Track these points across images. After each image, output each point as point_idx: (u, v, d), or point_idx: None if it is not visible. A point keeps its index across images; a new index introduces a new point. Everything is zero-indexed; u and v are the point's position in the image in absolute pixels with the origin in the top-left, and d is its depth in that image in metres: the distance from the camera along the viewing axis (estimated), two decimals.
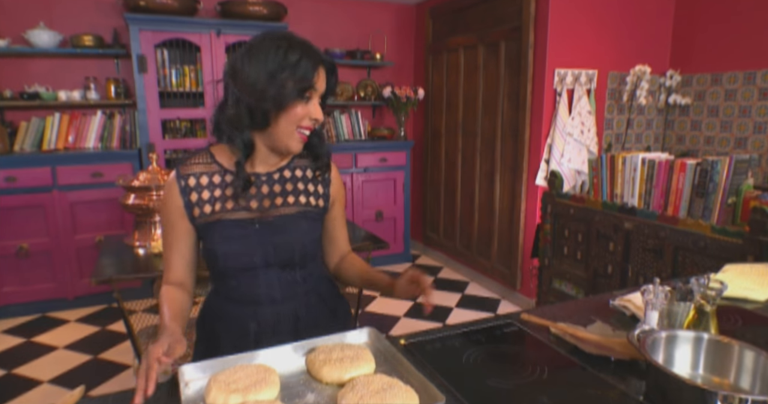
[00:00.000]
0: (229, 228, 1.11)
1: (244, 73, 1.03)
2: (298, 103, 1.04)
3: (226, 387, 0.87)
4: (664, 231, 2.16)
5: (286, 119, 1.05)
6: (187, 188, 1.11)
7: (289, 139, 1.07)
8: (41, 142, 3.49)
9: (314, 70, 1.04)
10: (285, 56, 1.02)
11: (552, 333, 1.15)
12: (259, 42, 1.05)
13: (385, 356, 1.02)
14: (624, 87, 3.27)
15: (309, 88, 1.04)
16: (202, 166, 1.13)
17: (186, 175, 1.12)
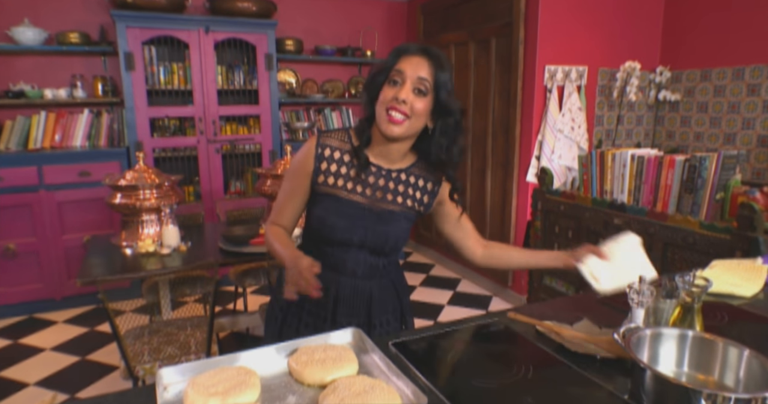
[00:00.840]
0: (344, 204, 1.23)
1: None
2: (387, 88, 1.15)
3: (205, 391, 0.85)
4: (653, 227, 2.16)
5: (379, 104, 1.16)
6: (322, 156, 1.23)
7: (381, 122, 1.16)
8: (27, 140, 3.45)
9: (400, 55, 1.16)
10: (391, 52, 1.18)
11: (538, 332, 1.14)
12: None
13: (369, 356, 1.01)
14: (614, 83, 3.27)
15: (392, 70, 1.15)
16: (338, 141, 1.25)
17: (324, 144, 1.24)
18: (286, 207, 1.27)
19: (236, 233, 2.47)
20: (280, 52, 3.96)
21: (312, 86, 4.32)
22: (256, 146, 3.90)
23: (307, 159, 1.23)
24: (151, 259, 2.29)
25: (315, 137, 1.25)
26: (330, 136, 1.25)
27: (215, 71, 3.64)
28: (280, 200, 1.29)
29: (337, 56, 4.22)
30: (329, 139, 1.25)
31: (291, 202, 1.27)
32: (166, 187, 2.55)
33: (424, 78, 1.15)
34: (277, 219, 1.28)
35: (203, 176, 3.72)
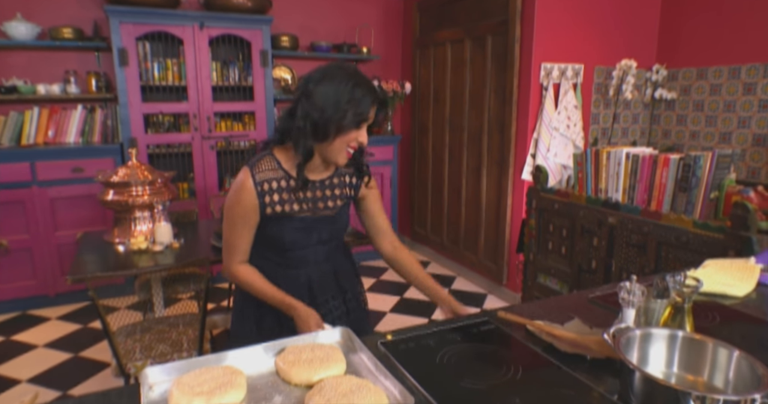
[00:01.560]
0: (296, 221, 1.38)
1: (316, 95, 1.25)
2: (352, 129, 1.27)
3: (190, 391, 0.85)
4: (647, 226, 2.16)
5: (340, 140, 1.28)
6: (263, 192, 1.34)
7: (338, 155, 1.31)
8: (20, 136, 3.43)
9: (371, 106, 1.28)
10: (352, 91, 1.24)
11: (529, 331, 1.13)
12: (334, 72, 1.27)
13: (357, 356, 1.00)
14: (610, 81, 3.26)
15: (364, 120, 1.28)
16: (271, 171, 1.35)
17: (261, 181, 1.34)
18: (241, 244, 1.39)
19: None
20: (276, 48, 3.94)
21: None
22: (251, 143, 3.88)
23: (249, 198, 1.33)
24: (144, 256, 2.27)
25: (248, 175, 1.33)
26: (261, 169, 1.35)
27: (210, 67, 3.61)
28: (233, 240, 1.38)
29: (332, 53, 4.19)
30: (263, 173, 1.35)
31: (245, 237, 1.38)
32: (158, 183, 2.53)
33: (373, 119, 1.33)
34: (237, 258, 1.40)
35: (198, 173, 3.71)
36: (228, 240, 1.39)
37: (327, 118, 1.24)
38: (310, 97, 1.26)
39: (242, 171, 1.35)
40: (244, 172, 1.34)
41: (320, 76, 1.27)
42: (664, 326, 1.02)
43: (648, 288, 1.09)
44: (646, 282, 1.19)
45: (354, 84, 1.25)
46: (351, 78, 1.26)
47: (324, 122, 1.25)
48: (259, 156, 1.37)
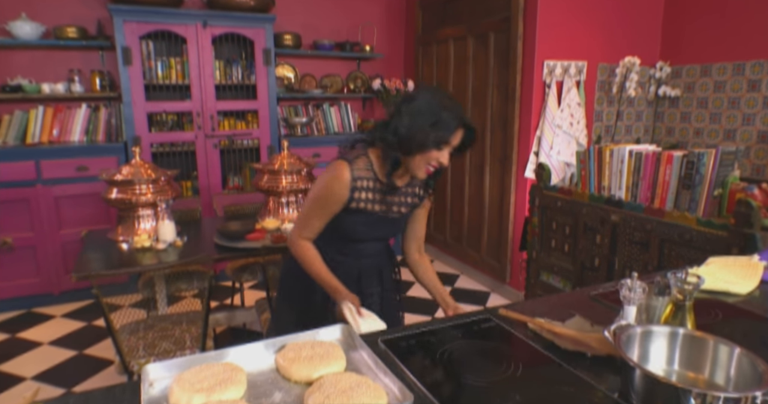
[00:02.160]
0: (369, 216, 1.52)
1: (406, 114, 1.39)
2: (433, 149, 1.39)
3: (190, 387, 0.85)
4: (650, 223, 2.15)
5: (421, 157, 1.41)
6: (355, 188, 1.47)
7: (418, 170, 1.45)
8: (25, 135, 3.44)
9: (454, 131, 1.38)
10: (438, 114, 1.36)
11: (530, 329, 1.13)
12: (426, 94, 1.41)
13: (357, 353, 1.00)
14: (613, 79, 3.25)
15: (445, 143, 1.39)
16: (365, 171, 1.48)
17: (357, 177, 1.46)
18: (317, 225, 1.53)
19: (232, 228, 2.46)
20: (279, 46, 3.94)
21: (311, 81, 4.30)
22: (254, 141, 3.89)
23: (342, 190, 1.46)
24: (147, 254, 2.28)
25: (347, 169, 1.45)
26: (358, 167, 1.47)
27: (213, 66, 3.62)
28: (311, 219, 1.52)
29: (335, 51, 4.19)
30: (359, 171, 1.47)
31: (322, 221, 1.52)
32: (162, 181, 2.54)
33: (458, 143, 1.43)
34: (307, 233, 1.55)
35: (201, 171, 3.72)
36: (305, 216, 1.53)
37: (411, 136, 1.37)
38: (401, 114, 1.39)
39: (340, 164, 1.45)
40: (343, 166, 1.45)
41: (414, 96, 1.42)
42: (666, 323, 1.01)
43: (649, 286, 1.09)
44: (649, 279, 1.19)
45: (441, 108, 1.36)
46: (440, 102, 1.38)
47: (408, 139, 1.38)
48: (356, 154, 1.48)
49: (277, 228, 2.56)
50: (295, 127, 4.06)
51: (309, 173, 2.88)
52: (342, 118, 4.36)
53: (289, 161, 2.82)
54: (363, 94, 4.35)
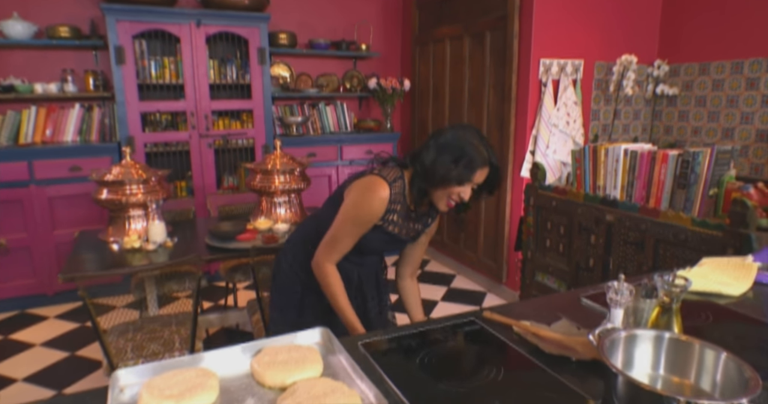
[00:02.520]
0: (387, 235, 1.55)
1: (433, 147, 1.42)
2: (454, 185, 1.41)
3: (159, 393, 0.83)
4: (645, 223, 2.12)
5: (443, 191, 1.44)
6: (389, 209, 1.49)
7: (439, 202, 1.48)
8: (18, 135, 3.43)
9: (475, 170, 1.40)
10: (462, 152, 1.38)
11: (515, 332, 1.10)
12: (456, 131, 1.43)
13: (335, 357, 0.98)
14: (611, 77, 3.22)
15: (467, 180, 1.41)
16: (399, 195, 1.50)
17: (393, 201, 1.48)
18: (348, 244, 1.52)
19: (223, 229, 2.44)
20: (274, 45, 3.92)
21: (306, 80, 4.28)
22: (249, 141, 3.87)
23: (380, 210, 1.47)
24: (137, 255, 2.26)
25: (387, 190, 1.46)
26: (396, 190, 1.48)
27: (207, 65, 3.60)
28: (345, 238, 1.51)
29: (331, 50, 4.17)
30: (396, 194, 1.48)
31: (354, 239, 1.52)
32: (152, 182, 2.52)
33: (481, 182, 1.44)
34: (336, 256, 1.54)
35: (195, 171, 3.70)
36: (338, 236, 1.51)
37: (434, 169, 1.40)
38: (429, 147, 1.44)
39: (380, 182, 1.46)
40: (384, 186, 1.46)
41: (443, 130, 1.46)
42: (653, 327, 0.99)
43: (637, 288, 1.06)
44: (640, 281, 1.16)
45: (467, 145, 1.39)
46: (467, 139, 1.40)
47: (432, 172, 1.41)
48: (394, 175, 1.49)
49: (269, 228, 2.54)
50: (291, 126, 4.04)
51: (302, 173, 2.86)
52: (338, 117, 4.34)
53: (282, 161, 2.79)
54: (359, 94, 4.33)
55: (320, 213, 1.65)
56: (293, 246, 1.73)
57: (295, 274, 1.68)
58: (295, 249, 1.71)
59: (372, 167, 1.54)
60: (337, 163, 4.12)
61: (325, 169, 4.09)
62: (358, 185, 1.50)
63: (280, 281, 1.73)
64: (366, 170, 1.54)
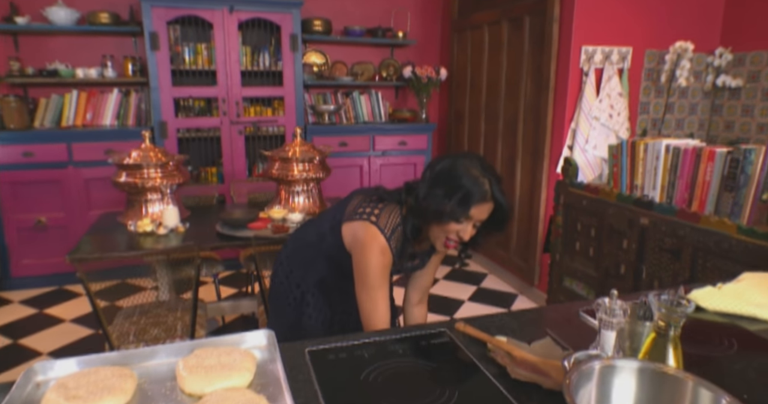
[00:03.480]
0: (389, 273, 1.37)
1: (427, 179, 1.27)
2: (451, 222, 1.23)
3: (65, 393, 0.76)
4: (683, 229, 1.89)
5: (439, 228, 1.26)
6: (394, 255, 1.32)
7: (436, 240, 1.31)
8: (60, 118, 3.55)
9: (471, 205, 1.21)
10: (458, 185, 1.21)
11: (488, 350, 0.97)
12: (450, 160, 1.27)
13: (274, 365, 0.88)
14: (663, 66, 2.92)
15: (465, 217, 1.22)
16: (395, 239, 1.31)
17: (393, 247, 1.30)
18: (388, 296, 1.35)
19: (235, 216, 2.40)
20: (308, 32, 3.85)
21: (341, 68, 4.19)
22: (279, 129, 3.84)
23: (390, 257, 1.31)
24: (149, 239, 2.27)
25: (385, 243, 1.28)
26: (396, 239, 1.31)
27: (239, 51, 3.58)
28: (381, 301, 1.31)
29: (366, 37, 4.06)
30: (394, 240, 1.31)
31: (388, 288, 1.38)
32: (171, 166, 2.52)
33: (484, 219, 1.25)
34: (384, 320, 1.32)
35: (226, 157, 3.71)
36: (377, 296, 1.30)
37: (427, 204, 1.24)
38: (425, 179, 1.28)
39: (378, 237, 1.28)
40: (381, 240, 1.28)
41: (438, 160, 1.29)
42: (645, 356, 0.82)
43: (633, 307, 0.90)
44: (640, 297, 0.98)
45: (465, 176, 1.22)
46: (464, 169, 1.23)
47: (425, 207, 1.24)
48: (394, 225, 1.30)
49: (283, 218, 2.48)
50: (323, 114, 3.97)
51: (322, 161, 2.78)
52: (372, 106, 4.23)
53: (301, 149, 2.73)
54: (395, 83, 4.20)
55: (320, 224, 1.48)
56: (290, 253, 1.55)
57: (291, 284, 1.52)
58: (293, 260, 1.53)
59: (367, 208, 1.33)
60: (369, 154, 4.02)
61: (357, 159, 4.00)
62: (357, 241, 1.31)
63: (275, 290, 1.57)
64: (364, 205, 1.34)
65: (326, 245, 1.42)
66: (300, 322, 1.49)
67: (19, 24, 3.31)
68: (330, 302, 1.50)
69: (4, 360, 2.62)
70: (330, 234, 1.41)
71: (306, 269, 1.49)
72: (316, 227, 1.50)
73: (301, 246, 1.54)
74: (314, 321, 1.49)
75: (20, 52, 3.50)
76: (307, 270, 1.49)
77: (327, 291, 1.49)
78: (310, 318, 1.48)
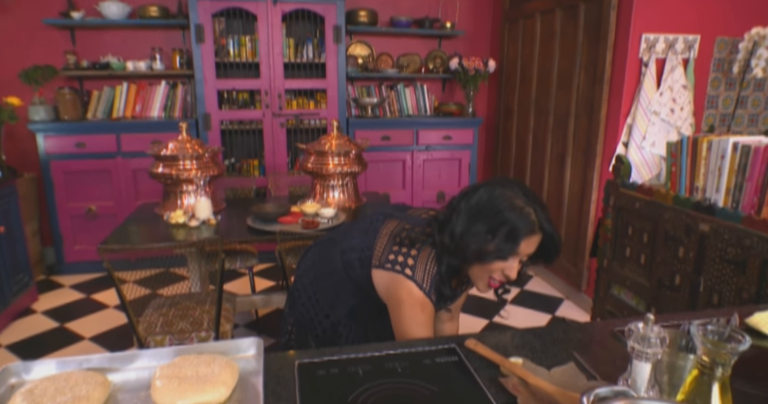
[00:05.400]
0: None
1: (464, 214, 1.11)
2: (495, 260, 1.09)
3: (31, 401, 0.72)
4: (750, 238, 1.67)
5: (481, 267, 1.12)
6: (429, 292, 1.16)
7: (478, 281, 1.17)
8: (111, 110, 3.66)
9: (520, 241, 1.07)
10: (502, 219, 1.07)
11: (501, 373, 0.85)
12: (488, 189, 1.12)
13: (254, 379, 0.81)
14: (735, 56, 2.63)
15: (511, 253, 1.08)
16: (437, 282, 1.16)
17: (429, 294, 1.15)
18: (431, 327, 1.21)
19: (266, 210, 2.36)
20: (353, 24, 3.78)
21: (387, 60, 4.09)
22: (321, 121, 3.80)
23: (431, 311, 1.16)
24: (181, 231, 2.28)
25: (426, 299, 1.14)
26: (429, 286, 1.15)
27: (282, 43, 3.56)
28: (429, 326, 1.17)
29: (413, 28, 3.93)
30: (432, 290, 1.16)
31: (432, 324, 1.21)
32: (206, 158, 2.52)
33: (532, 252, 1.12)
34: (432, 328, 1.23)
35: (267, 150, 3.71)
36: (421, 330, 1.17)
37: (467, 242, 1.09)
38: (459, 213, 1.12)
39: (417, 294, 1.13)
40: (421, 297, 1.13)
41: (474, 189, 1.14)
42: (685, 398, 0.68)
43: (673, 335, 0.76)
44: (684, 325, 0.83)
45: (508, 208, 1.08)
46: (506, 200, 1.09)
47: (464, 246, 1.10)
48: (432, 275, 1.15)
49: (315, 212, 2.42)
50: (366, 107, 3.90)
51: (358, 155, 2.71)
52: (417, 99, 4.11)
53: (338, 142, 2.66)
54: (442, 75, 4.05)
55: (346, 250, 1.31)
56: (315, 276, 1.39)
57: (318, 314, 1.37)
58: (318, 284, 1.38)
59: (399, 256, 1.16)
60: (413, 148, 3.91)
61: (399, 153, 3.90)
62: (392, 297, 1.16)
63: (300, 318, 1.41)
64: (393, 259, 1.16)
65: (355, 275, 1.27)
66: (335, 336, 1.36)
67: (75, 19, 3.42)
68: (366, 332, 1.35)
69: (50, 342, 2.73)
70: (359, 268, 1.26)
71: (335, 296, 1.34)
72: (340, 252, 1.32)
73: (326, 272, 1.36)
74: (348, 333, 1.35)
75: (77, 46, 3.64)
76: (337, 298, 1.33)
77: (360, 319, 1.34)
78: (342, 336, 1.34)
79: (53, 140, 3.39)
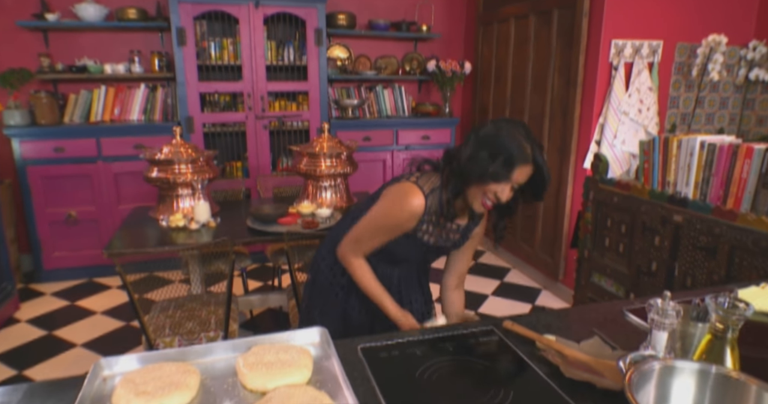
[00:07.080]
0: (418, 243, 1.46)
1: (473, 143, 1.30)
2: (491, 182, 1.28)
3: (134, 389, 0.79)
4: (719, 227, 1.87)
5: (478, 188, 1.31)
6: (423, 221, 1.40)
7: (473, 200, 1.35)
8: (89, 114, 3.61)
9: (514, 167, 1.25)
10: (502, 147, 1.26)
11: (537, 348, 0.98)
12: (496, 124, 1.31)
13: (329, 362, 0.90)
14: (694, 60, 2.87)
15: (504, 177, 1.27)
16: (436, 205, 1.38)
17: (428, 212, 1.39)
18: (373, 246, 1.45)
19: (265, 211, 2.43)
20: (332, 26, 3.86)
21: (365, 62, 4.19)
22: (304, 123, 3.86)
23: (413, 222, 1.39)
24: (181, 234, 2.31)
25: (422, 201, 1.36)
26: (433, 201, 1.37)
27: (264, 46, 3.60)
28: (371, 240, 1.44)
29: (391, 31, 4.04)
30: (432, 205, 1.38)
31: (381, 243, 1.45)
32: (201, 162, 2.55)
33: (523, 182, 1.29)
34: (363, 251, 1.47)
35: (251, 152, 3.74)
36: (365, 236, 1.44)
37: (470, 165, 1.29)
38: (468, 141, 1.32)
39: (417, 194, 1.36)
40: (419, 197, 1.36)
41: (485, 124, 1.34)
42: (701, 358, 0.82)
43: (686, 308, 0.90)
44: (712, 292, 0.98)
45: (509, 140, 1.26)
46: (509, 134, 1.27)
47: (468, 168, 1.29)
48: (433, 187, 1.38)
49: (312, 213, 2.50)
50: (347, 109, 3.98)
51: (349, 157, 2.80)
52: (395, 100, 4.23)
53: (329, 144, 2.74)
54: (419, 77, 4.18)
55: (357, 214, 1.53)
56: (332, 248, 1.58)
57: (336, 276, 1.57)
58: (333, 251, 1.58)
59: (411, 171, 1.44)
60: (393, 148, 4.03)
61: (380, 153, 4.01)
62: (392, 192, 1.41)
63: (320, 284, 1.61)
64: (404, 174, 1.45)
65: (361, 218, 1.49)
66: (346, 315, 1.53)
67: (50, 20, 3.36)
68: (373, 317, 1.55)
69: (42, 350, 2.69)
70: (366, 206, 1.49)
71: None
72: (351, 219, 1.53)
73: (338, 238, 1.56)
74: (357, 313, 1.54)
75: (50, 49, 3.56)
76: None
77: None
78: (353, 309, 1.53)
79: (30, 145, 3.32)
